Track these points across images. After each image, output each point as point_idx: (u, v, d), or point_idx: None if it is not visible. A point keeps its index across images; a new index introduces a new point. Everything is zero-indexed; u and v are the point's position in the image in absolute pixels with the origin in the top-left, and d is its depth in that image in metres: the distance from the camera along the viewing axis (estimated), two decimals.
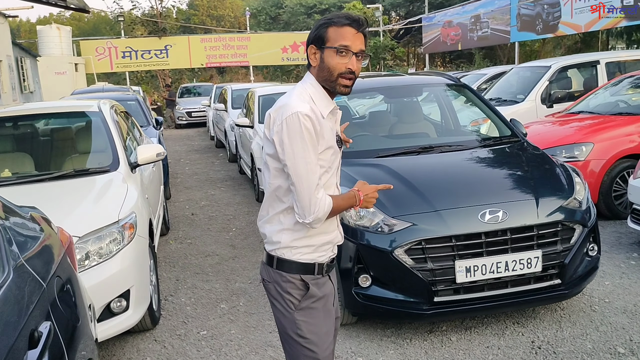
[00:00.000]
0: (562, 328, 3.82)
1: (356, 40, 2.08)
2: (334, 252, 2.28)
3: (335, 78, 2.09)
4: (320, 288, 2.19)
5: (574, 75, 9.38)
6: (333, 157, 2.14)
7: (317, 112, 2.06)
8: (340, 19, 2.08)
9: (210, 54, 26.63)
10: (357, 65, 2.10)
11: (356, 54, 2.08)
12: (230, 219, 7.53)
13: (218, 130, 14.71)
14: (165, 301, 4.78)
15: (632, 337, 3.64)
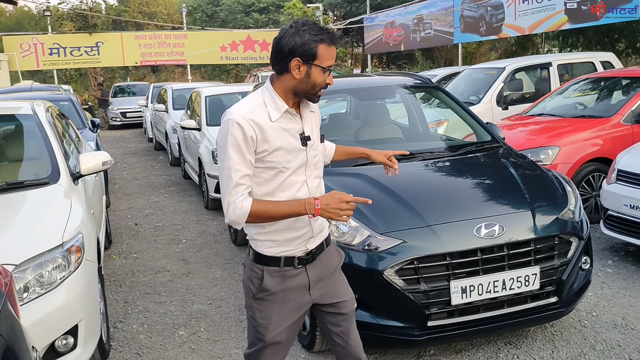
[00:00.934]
0: (558, 348, 3.57)
1: (333, 55, 2.21)
2: (310, 245, 2.34)
3: (316, 92, 2.23)
4: (282, 282, 2.30)
5: (525, 77, 9.37)
6: (288, 157, 2.23)
7: (262, 117, 2.19)
8: (330, 37, 2.16)
9: (144, 51, 25.51)
10: (328, 80, 2.24)
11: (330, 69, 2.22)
12: (179, 230, 6.98)
13: (157, 132, 13.96)
14: (114, 329, 4.23)
15: (630, 355, 3.43)
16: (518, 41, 21.05)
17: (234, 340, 3.96)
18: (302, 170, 2.29)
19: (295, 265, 2.31)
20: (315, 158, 2.34)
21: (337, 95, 5.20)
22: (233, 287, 4.96)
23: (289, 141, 2.23)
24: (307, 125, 2.30)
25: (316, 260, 2.37)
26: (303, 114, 2.29)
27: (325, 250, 2.42)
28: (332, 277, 2.45)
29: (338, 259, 2.52)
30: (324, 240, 2.41)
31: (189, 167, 9.36)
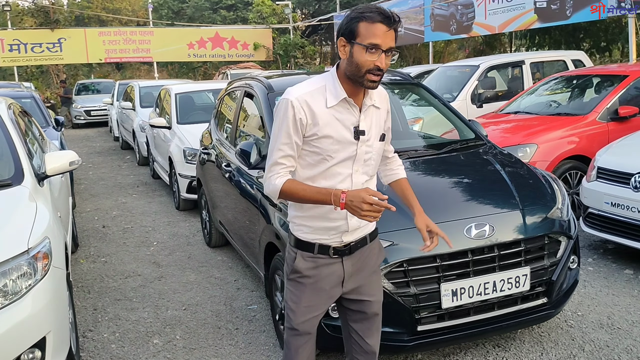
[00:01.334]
0: (546, 350, 3.49)
1: (387, 37, 2.09)
2: (347, 238, 2.28)
3: (363, 74, 2.11)
4: (315, 268, 2.28)
5: (497, 75, 9.38)
6: (336, 146, 2.19)
7: (319, 101, 2.15)
8: (373, 14, 2.08)
9: (109, 48, 24.86)
10: (386, 62, 2.11)
11: (386, 51, 2.09)
12: (149, 232, 6.73)
13: (124, 131, 13.58)
14: (83, 338, 4.00)
15: (620, 356, 3.38)
16: (486, 40, 21.24)
17: (212, 348, 3.78)
18: (349, 163, 2.23)
19: (330, 255, 2.29)
20: (367, 155, 2.25)
21: None
22: (209, 291, 4.77)
23: (340, 131, 2.18)
24: (365, 119, 2.22)
25: (355, 254, 2.32)
26: (363, 107, 2.21)
27: (367, 245, 2.36)
28: (368, 274, 2.39)
29: (378, 258, 2.45)
30: (367, 235, 2.35)
31: (159, 167, 9.09)
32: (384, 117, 2.33)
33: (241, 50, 26.23)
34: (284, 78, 4.82)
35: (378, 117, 2.28)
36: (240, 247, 4.70)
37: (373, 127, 2.26)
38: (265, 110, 4.19)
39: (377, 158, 2.34)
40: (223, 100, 5.79)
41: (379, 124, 2.29)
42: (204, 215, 6.04)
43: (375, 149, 2.29)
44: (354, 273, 2.34)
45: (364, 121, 2.21)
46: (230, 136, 5.00)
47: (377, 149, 2.30)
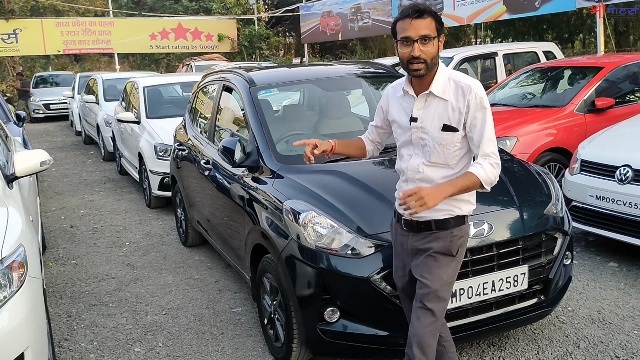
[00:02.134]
0: (542, 348, 3.45)
1: (413, 28, 2.29)
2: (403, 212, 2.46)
3: (406, 66, 2.36)
4: (395, 230, 2.65)
5: (469, 67, 9.36)
6: (399, 130, 2.56)
7: (397, 91, 2.56)
8: (402, 12, 2.33)
9: (67, 39, 24.04)
10: (422, 50, 2.29)
11: (420, 40, 2.29)
12: (120, 231, 6.48)
13: (87, 125, 13.14)
14: (59, 348, 3.78)
15: (616, 353, 3.35)
16: (451, 31, 21.37)
17: (197, 355, 3.61)
18: (410, 147, 2.51)
19: (402, 225, 2.56)
20: (423, 141, 2.45)
21: (299, 86, 4.88)
22: (189, 293, 4.58)
23: (401, 117, 2.52)
24: (422, 107, 2.43)
25: (419, 235, 2.50)
26: (420, 96, 2.42)
27: (432, 232, 2.48)
28: (427, 255, 2.48)
29: (442, 248, 2.47)
30: (432, 221, 2.46)
31: (126, 162, 8.79)
32: (457, 111, 2.37)
33: (205, 41, 25.76)
34: (265, 71, 4.65)
35: (443, 108, 2.39)
36: (222, 248, 4.52)
37: (433, 117, 2.40)
38: (248, 105, 4.02)
39: (442, 148, 2.42)
40: (198, 95, 5.57)
41: (442, 115, 2.39)
42: (179, 213, 5.83)
43: (434, 137, 2.41)
44: (416, 251, 2.51)
45: (420, 109, 2.43)
46: (209, 132, 4.80)
47: (437, 137, 2.41)
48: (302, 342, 3.16)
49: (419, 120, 2.42)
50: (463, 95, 2.37)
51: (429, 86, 2.39)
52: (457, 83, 2.39)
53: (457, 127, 2.38)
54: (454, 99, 2.38)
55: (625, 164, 4.45)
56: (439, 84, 2.39)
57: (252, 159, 3.74)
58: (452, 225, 2.48)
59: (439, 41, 2.35)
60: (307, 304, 3.03)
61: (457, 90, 2.38)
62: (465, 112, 2.37)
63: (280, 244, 3.19)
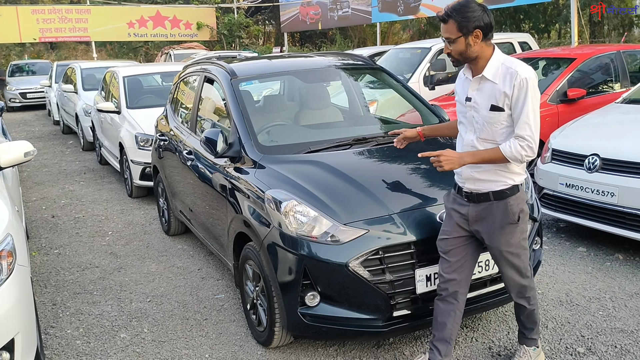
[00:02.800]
0: (512, 328, 3.62)
1: (443, 31, 2.74)
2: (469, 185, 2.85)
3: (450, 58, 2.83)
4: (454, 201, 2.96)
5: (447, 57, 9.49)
6: (459, 107, 2.91)
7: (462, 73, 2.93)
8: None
9: (43, 27, 23.71)
10: (450, 49, 2.76)
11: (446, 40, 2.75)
12: (102, 221, 6.53)
13: (65, 114, 13.04)
14: (46, 335, 3.86)
15: (582, 332, 3.54)
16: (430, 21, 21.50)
17: (182, 340, 3.72)
18: (465, 121, 2.88)
19: (462, 195, 2.89)
20: (474, 119, 2.80)
21: (278, 77, 4.98)
22: (172, 281, 4.68)
23: (461, 96, 2.88)
24: (475, 89, 2.77)
25: (479, 205, 2.83)
26: (476, 79, 2.76)
27: (491, 202, 2.81)
28: (490, 225, 2.82)
29: (502, 217, 2.79)
30: (490, 192, 2.80)
31: (107, 152, 8.80)
32: (502, 93, 2.67)
33: (184, 29, 25.60)
34: (246, 63, 4.73)
35: (492, 90, 2.71)
36: (205, 237, 4.62)
37: (483, 97, 2.74)
38: (230, 96, 4.11)
39: (490, 126, 2.74)
40: (179, 86, 5.63)
41: (491, 96, 2.71)
42: (161, 203, 5.90)
43: (483, 116, 2.75)
44: (477, 219, 2.85)
45: (474, 91, 2.77)
46: (191, 123, 4.88)
47: (486, 117, 2.74)
48: (283, 326, 3.29)
49: (473, 100, 2.77)
50: (510, 80, 2.65)
51: (482, 70, 2.71)
52: (508, 68, 2.68)
53: (503, 108, 2.68)
54: (502, 82, 2.67)
55: (594, 153, 4.64)
56: (490, 68, 2.70)
57: (234, 150, 3.84)
58: (508, 195, 2.79)
59: (465, 39, 2.66)
60: (288, 289, 3.15)
61: (506, 74, 2.66)
62: (511, 95, 2.65)
63: (262, 232, 3.30)
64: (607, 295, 4.00)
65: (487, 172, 2.78)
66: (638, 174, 4.32)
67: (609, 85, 7.17)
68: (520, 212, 2.82)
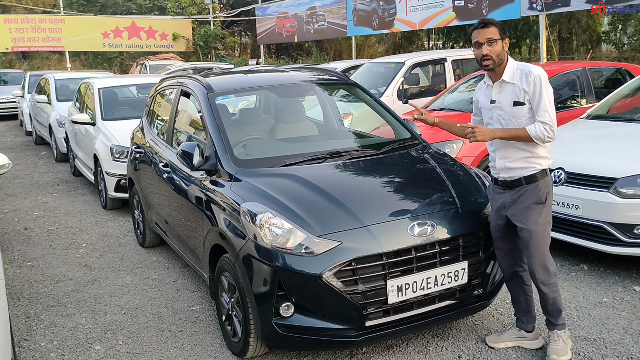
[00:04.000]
0: (480, 337, 3.73)
1: (480, 35, 3.20)
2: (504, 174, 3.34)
3: (480, 63, 3.29)
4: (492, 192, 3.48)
5: (421, 72, 9.69)
6: (484, 111, 3.44)
7: (482, 84, 3.51)
8: (474, 25, 3.29)
9: (16, 36, 23.53)
10: (490, 49, 3.19)
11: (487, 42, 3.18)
12: (76, 233, 6.50)
13: (38, 125, 12.92)
14: (19, 348, 3.85)
15: (545, 340, 3.65)
16: (404, 35, 21.85)
17: (157, 352, 3.74)
18: (492, 121, 3.36)
19: (498, 185, 3.38)
20: (500, 116, 3.31)
21: (254, 92, 5.06)
22: (147, 293, 4.69)
23: (484, 101, 3.43)
24: (498, 92, 3.30)
25: (513, 190, 3.31)
26: (496, 84, 3.30)
27: (523, 186, 3.28)
28: (521, 207, 3.28)
29: (533, 197, 3.26)
30: (522, 177, 3.28)
31: (80, 164, 8.75)
32: (522, 90, 3.19)
33: (159, 40, 25.58)
34: (222, 77, 4.80)
35: (512, 89, 3.23)
36: (180, 249, 4.66)
37: (505, 97, 3.26)
38: (206, 110, 4.17)
39: (515, 119, 3.24)
40: (156, 99, 5.67)
41: (512, 94, 3.23)
42: (137, 215, 5.91)
43: (508, 112, 3.26)
44: (511, 203, 3.30)
45: (497, 93, 3.30)
46: (167, 136, 4.93)
47: (510, 112, 3.25)
48: (258, 337, 3.34)
49: (497, 102, 3.30)
50: (526, 78, 3.18)
51: (501, 75, 3.25)
52: (522, 70, 3.22)
53: (524, 102, 3.20)
54: (519, 81, 3.21)
55: (559, 166, 4.80)
56: (508, 72, 3.24)
57: (211, 163, 3.90)
58: (538, 179, 3.27)
59: (503, 42, 3.21)
60: (263, 300, 3.21)
61: (522, 75, 3.21)
62: (530, 90, 3.18)
63: (237, 244, 3.36)
64: (572, 304, 4.14)
65: (517, 160, 3.26)
66: (601, 187, 4.49)
67: (576, 101, 7.40)
68: (547, 193, 3.29)
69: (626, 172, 4.43)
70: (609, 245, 4.47)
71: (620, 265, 4.75)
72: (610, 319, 3.90)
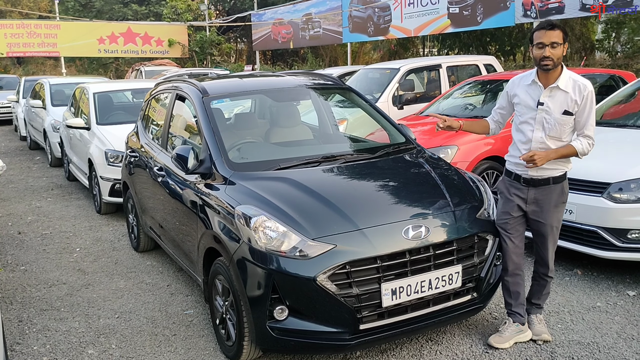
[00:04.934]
0: (475, 341, 3.73)
1: (546, 36, 3.25)
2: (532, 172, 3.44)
3: (537, 62, 3.32)
4: (508, 188, 3.59)
5: (416, 78, 9.73)
6: (523, 110, 3.46)
7: (525, 80, 3.48)
8: (539, 25, 3.33)
9: (11, 41, 23.50)
10: (552, 52, 3.24)
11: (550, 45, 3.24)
12: (70, 237, 6.48)
13: (33, 130, 12.89)
14: (12, 352, 3.83)
15: (541, 344, 3.66)
16: (400, 42, 21.93)
17: (151, 356, 3.73)
18: (531, 123, 3.41)
19: (521, 182, 3.50)
20: (545, 120, 3.37)
21: (249, 96, 5.06)
22: (141, 297, 4.68)
23: (526, 100, 3.44)
24: (548, 96, 3.34)
25: (539, 188, 3.45)
26: (548, 87, 3.34)
27: (550, 185, 3.44)
28: (547, 205, 3.46)
29: (559, 197, 3.47)
30: (550, 177, 3.43)
31: (75, 168, 8.73)
32: (574, 101, 3.30)
33: (155, 46, 25.60)
34: (217, 81, 4.81)
35: (564, 98, 3.32)
36: (174, 253, 4.65)
37: (555, 103, 3.33)
38: (201, 114, 4.18)
39: (560, 127, 3.35)
40: (151, 103, 5.67)
41: (563, 103, 3.32)
42: (131, 219, 5.90)
43: (556, 118, 3.33)
44: (535, 200, 3.47)
45: (547, 98, 3.34)
46: (162, 140, 4.92)
47: (558, 119, 3.34)
48: (252, 340, 3.33)
49: (545, 105, 3.34)
50: (580, 91, 3.30)
51: (555, 81, 3.31)
52: (576, 81, 3.32)
53: (572, 112, 3.32)
54: (572, 92, 3.30)
55: None
56: (563, 79, 3.31)
57: (205, 166, 3.90)
58: (563, 179, 3.47)
59: (563, 47, 3.25)
60: (257, 303, 3.21)
61: (576, 86, 3.31)
62: (580, 103, 3.30)
63: (232, 247, 3.36)
64: (565, 309, 4.15)
65: (552, 162, 3.37)
66: (594, 192, 4.51)
67: None
68: (567, 194, 3.51)
69: (620, 177, 4.45)
70: (602, 250, 4.49)
71: (614, 270, 4.77)
72: (604, 323, 3.91)
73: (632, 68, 12.68)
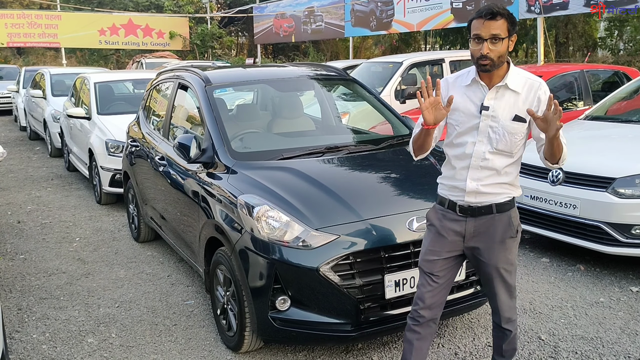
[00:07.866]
0: (477, 335, 3.71)
1: (484, 27, 2.44)
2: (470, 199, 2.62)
3: (475, 61, 2.52)
4: (440, 220, 2.72)
5: (417, 72, 9.69)
6: (461, 118, 2.60)
7: (461, 81, 2.65)
8: (478, 11, 2.50)
9: (12, 32, 23.39)
10: (492, 48, 2.43)
11: (490, 39, 2.43)
12: (69, 227, 6.44)
13: (33, 120, 12.84)
14: (11, 340, 3.80)
15: (545, 339, 3.64)
16: (402, 37, 21.85)
17: (151, 345, 3.70)
18: (474, 133, 2.58)
19: (457, 212, 2.66)
20: (492, 129, 2.56)
21: (253, 86, 5.03)
22: (141, 287, 4.65)
23: (466, 105, 2.59)
24: (493, 98, 2.55)
25: (479, 219, 2.64)
26: (494, 87, 2.54)
27: (493, 214, 2.64)
28: (490, 241, 2.66)
29: (506, 231, 2.66)
30: (493, 204, 2.63)
31: (75, 158, 8.70)
32: (527, 103, 2.54)
33: (156, 38, 25.51)
34: (220, 70, 4.77)
35: (515, 100, 2.55)
36: (175, 243, 4.62)
37: (504, 107, 2.55)
38: (204, 103, 4.14)
39: (510, 137, 2.56)
40: (152, 93, 5.63)
41: (514, 106, 2.55)
42: (132, 209, 5.87)
43: (504, 126, 2.54)
44: (477, 235, 2.66)
45: (491, 99, 2.55)
46: (164, 129, 4.89)
47: (507, 127, 2.54)
48: (253, 331, 3.31)
49: (491, 109, 2.54)
50: (534, 90, 2.55)
51: (501, 79, 2.54)
52: (527, 79, 2.57)
53: (525, 118, 2.54)
54: (525, 92, 2.55)
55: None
56: (512, 77, 2.55)
57: (208, 155, 3.87)
58: (509, 207, 2.67)
59: (509, 41, 2.49)
60: (259, 294, 3.18)
61: (527, 85, 2.55)
62: (535, 105, 2.54)
63: (234, 237, 3.33)
64: (568, 304, 4.13)
65: (492, 185, 2.61)
66: (599, 187, 4.48)
67: (573, 103, 7.41)
68: (518, 226, 2.72)
69: (624, 172, 4.42)
70: (606, 246, 4.46)
71: (617, 265, 4.75)
72: (607, 318, 3.89)
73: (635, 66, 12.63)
